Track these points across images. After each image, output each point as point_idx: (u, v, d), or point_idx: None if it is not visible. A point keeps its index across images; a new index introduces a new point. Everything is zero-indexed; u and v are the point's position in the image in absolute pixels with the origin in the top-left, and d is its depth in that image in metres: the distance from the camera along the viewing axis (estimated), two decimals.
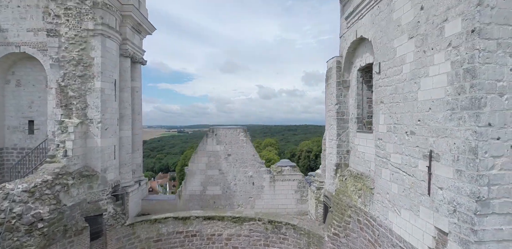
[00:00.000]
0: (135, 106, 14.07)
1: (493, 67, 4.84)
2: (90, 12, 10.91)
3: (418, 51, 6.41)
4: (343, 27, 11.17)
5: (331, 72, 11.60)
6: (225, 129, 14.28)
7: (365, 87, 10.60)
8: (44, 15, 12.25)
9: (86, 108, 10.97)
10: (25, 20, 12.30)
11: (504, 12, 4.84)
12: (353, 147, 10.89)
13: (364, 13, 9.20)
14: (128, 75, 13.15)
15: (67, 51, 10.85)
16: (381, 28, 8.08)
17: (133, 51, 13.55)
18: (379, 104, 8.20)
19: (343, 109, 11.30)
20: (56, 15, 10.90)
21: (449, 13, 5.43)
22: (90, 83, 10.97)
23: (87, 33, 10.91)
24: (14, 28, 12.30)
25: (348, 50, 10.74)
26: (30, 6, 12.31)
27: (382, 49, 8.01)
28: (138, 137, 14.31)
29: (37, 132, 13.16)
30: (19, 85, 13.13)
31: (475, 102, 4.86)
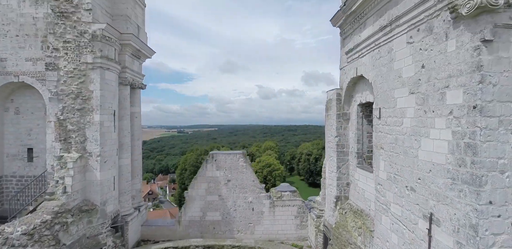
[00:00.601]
0: (134, 131, 14.03)
1: (494, 144, 4.80)
2: (89, 45, 10.85)
3: (419, 109, 6.37)
4: (343, 60, 11.12)
5: (331, 104, 11.55)
6: (224, 155, 14.26)
7: (365, 122, 10.56)
8: (42, 45, 12.20)
9: (85, 141, 10.93)
10: (23, 49, 12.25)
11: (506, 89, 4.80)
12: (353, 180, 10.87)
13: (364, 53, 9.15)
14: (128, 102, 13.10)
15: (66, 85, 10.80)
16: (381, 73, 8.04)
17: (133, 78, 13.50)
18: (379, 149, 8.17)
19: (343, 142, 11.27)
20: (55, 48, 10.84)
21: (451, 81, 5.39)
22: (89, 116, 10.92)
23: (86, 66, 10.86)
24: (12, 57, 12.24)
25: (348, 84, 10.69)
26: (29, 35, 12.25)
27: (382, 95, 7.97)
28: (137, 162, 14.28)
29: (36, 160, 13.12)
30: (17, 112, 13.08)
31: (476, 180, 4.82)
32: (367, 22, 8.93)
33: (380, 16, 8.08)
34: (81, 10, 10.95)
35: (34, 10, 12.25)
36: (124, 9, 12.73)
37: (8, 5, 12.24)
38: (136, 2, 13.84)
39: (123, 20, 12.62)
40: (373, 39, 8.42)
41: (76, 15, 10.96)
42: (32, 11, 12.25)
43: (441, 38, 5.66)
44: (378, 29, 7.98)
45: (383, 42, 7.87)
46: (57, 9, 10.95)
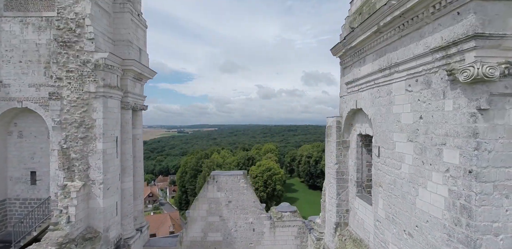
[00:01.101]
0: (136, 153, 14.17)
1: (489, 209, 4.94)
2: (91, 74, 10.98)
3: (417, 158, 6.51)
4: (343, 88, 11.24)
5: (331, 131, 11.69)
6: (226, 176, 14.41)
7: (365, 151, 10.70)
8: (45, 71, 12.32)
9: (88, 169, 11.08)
10: (27, 75, 12.38)
11: (501, 155, 4.94)
12: (353, 208, 11.02)
13: (364, 89, 9.28)
14: (130, 126, 13.23)
15: (69, 114, 10.93)
16: (380, 113, 8.17)
17: (134, 102, 13.63)
18: (378, 187, 8.31)
19: (342, 169, 11.41)
20: (58, 78, 10.97)
21: (448, 139, 5.53)
22: (92, 145, 11.06)
23: (89, 95, 10.99)
24: (16, 83, 12.37)
25: (348, 114, 10.83)
26: (32, 61, 12.38)
27: (381, 135, 8.11)
28: (139, 184, 14.43)
29: (39, 183, 13.28)
30: (21, 136, 13.22)
31: (471, 242, 4.97)
32: (367, 58, 9.07)
33: (379, 56, 8.21)
34: (84, 39, 11.07)
35: (37, 36, 12.37)
36: (126, 34, 12.85)
37: (11, 31, 12.36)
38: (138, 25, 13.95)
39: (125, 45, 12.73)
40: (372, 77, 8.55)
41: (79, 45, 11.08)
42: (35, 38, 12.37)
43: (439, 94, 5.80)
44: (378, 70, 8.11)
45: (383, 83, 8.01)
46: (60, 38, 11.08)
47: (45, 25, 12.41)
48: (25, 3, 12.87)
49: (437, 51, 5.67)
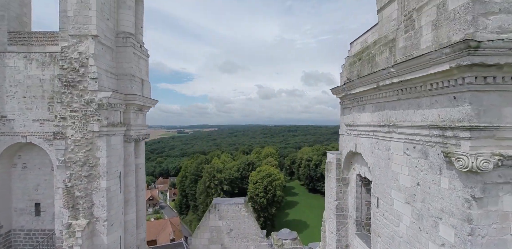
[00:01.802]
0: (138, 182, 14.37)
1: None
2: (95, 114, 11.16)
3: (414, 222, 6.70)
4: (343, 127, 11.42)
5: (331, 167, 11.88)
6: (227, 205, 14.60)
7: (364, 190, 10.89)
8: (49, 106, 12.48)
9: (92, 206, 11.27)
10: (31, 110, 12.53)
11: (494, 240, 5.12)
12: (352, 245, 11.22)
13: (363, 136, 9.45)
14: (132, 158, 13.42)
15: (73, 153, 11.12)
16: (379, 165, 8.35)
17: (137, 134, 13.81)
18: (377, 237, 8.51)
19: (342, 205, 11.61)
20: (63, 118, 11.15)
21: (443, 215, 5.71)
22: (96, 182, 11.26)
23: (93, 134, 11.17)
24: (20, 118, 12.53)
25: (348, 153, 11.01)
26: (36, 97, 12.53)
27: (380, 187, 8.29)
28: (142, 212, 14.63)
29: (43, 214, 13.46)
30: (25, 168, 13.40)
31: None
32: (366, 107, 9.24)
33: (379, 109, 8.38)
34: (88, 79, 11.25)
35: (41, 72, 12.52)
36: (128, 68, 13.01)
37: (15, 67, 12.51)
38: (140, 56, 14.11)
39: (128, 79, 12.90)
40: (372, 128, 8.72)
41: (83, 84, 11.26)
42: (39, 73, 12.52)
43: (435, 169, 5.98)
44: (377, 124, 8.29)
45: (382, 137, 8.18)
46: (64, 78, 11.26)
47: (49, 60, 12.55)
48: (29, 38, 13.01)
49: (434, 128, 5.85)
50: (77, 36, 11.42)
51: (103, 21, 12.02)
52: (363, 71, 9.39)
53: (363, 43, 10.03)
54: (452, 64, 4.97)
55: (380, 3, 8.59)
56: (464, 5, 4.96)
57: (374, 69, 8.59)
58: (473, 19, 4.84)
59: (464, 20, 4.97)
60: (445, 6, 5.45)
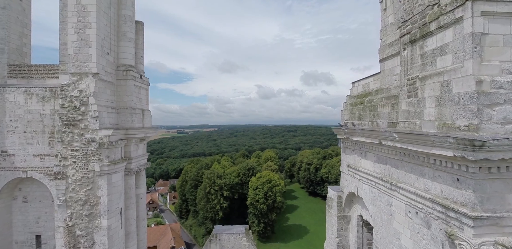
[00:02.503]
0: (139, 212, 14.36)
1: None
2: (96, 153, 11.13)
3: None
4: (345, 166, 11.39)
5: (332, 203, 11.87)
6: (228, 235, 14.60)
7: (365, 230, 10.88)
8: (50, 141, 12.43)
9: (93, 245, 11.27)
10: (31, 145, 12.49)
11: None
12: None
13: (365, 182, 9.43)
14: (133, 191, 13.41)
15: (74, 192, 11.10)
16: (381, 218, 8.33)
17: (138, 166, 13.78)
18: None
19: (343, 243, 11.61)
20: (63, 157, 11.12)
21: None
22: (97, 221, 11.24)
23: (94, 173, 11.15)
24: (21, 153, 12.49)
25: (350, 193, 10.99)
26: (36, 131, 12.49)
27: (382, 241, 8.27)
28: (142, 242, 14.63)
29: (44, 247, 13.44)
30: (25, 201, 13.37)
31: None
32: (369, 155, 9.21)
33: (381, 162, 8.35)
34: (88, 117, 11.21)
35: (41, 107, 12.47)
36: (129, 101, 12.97)
37: (16, 102, 12.45)
38: (141, 87, 14.07)
39: (129, 113, 12.86)
40: (374, 179, 8.69)
41: (84, 123, 11.23)
42: (39, 108, 12.48)
43: (438, 242, 5.95)
44: (379, 177, 8.26)
45: (384, 191, 8.15)
46: (64, 117, 11.22)
47: (49, 95, 12.50)
48: (29, 71, 12.96)
49: (437, 204, 5.82)
50: (77, 74, 11.38)
51: (104, 56, 11.97)
52: (365, 117, 9.36)
53: (365, 86, 9.99)
54: (457, 154, 4.94)
55: (382, 54, 8.56)
56: (469, 94, 4.92)
57: (376, 119, 8.57)
58: (478, 110, 4.81)
59: (468, 109, 4.94)
60: (449, 87, 5.42)
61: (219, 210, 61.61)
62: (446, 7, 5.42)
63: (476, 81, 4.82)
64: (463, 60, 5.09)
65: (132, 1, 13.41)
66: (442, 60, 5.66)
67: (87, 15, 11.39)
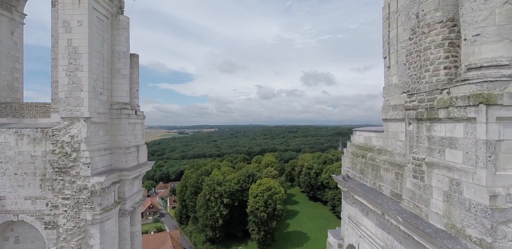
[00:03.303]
0: None
1: None
2: (88, 201, 10.75)
3: None
4: (345, 215, 10.98)
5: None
6: None
7: None
8: (41, 183, 12.05)
9: None
10: (22, 187, 12.10)
11: None
12: None
13: (366, 240, 9.03)
14: (128, 231, 13.03)
15: (65, 241, 10.74)
16: None
17: (132, 205, 13.41)
18: None
19: None
20: (54, 206, 10.75)
21: None
22: None
23: (85, 222, 10.77)
24: (11, 195, 12.11)
25: (350, 245, 10.60)
26: (27, 174, 12.10)
27: None
28: None
29: None
30: (17, 242, 13.01)
31: None
32: (370, 216, 8.80)
33: (383, 229, 7.95)
34: (80, 164, 10.83)
35: (32, 148, 12.07)
36: (123, 141, 12.59)
37: (6, 143, 12.06)
38: (135, 123, 13.67)
39: (122, 153, 12.48)
40: (376, 243, 8.30)
41: (75, 170, 10.84)
42: (30, 150, 12.08)
43: None
44: (382, 246, 7.86)
45: None
46: (55, 164, 10.84)
47: (40, 136, 12.10)
48: (20, 109, 12.59)
49: None
50: (68, 119, 10.99)
51: (96, 98, 11.57)
52: (367, 173, 8.97)
53: (367, 139, 9.57)
54: None
55: (385, 114, 8.16)
56: (482, 206, 4.51)
57: (378, 181, 8.17)
58: (491, 228, 4.40)
59: (481, 222, 4.53)
60: (459, 187, 5.00)
61: (219, 218, 61.31)
62: (457, 100, 4.99)
63: (490, 196, 4.41)
64: (476, 166, 4.68)
65: (126, 37, 12.98)
66: (452, 154, 5.24)
67: (78, 57, 10.98)
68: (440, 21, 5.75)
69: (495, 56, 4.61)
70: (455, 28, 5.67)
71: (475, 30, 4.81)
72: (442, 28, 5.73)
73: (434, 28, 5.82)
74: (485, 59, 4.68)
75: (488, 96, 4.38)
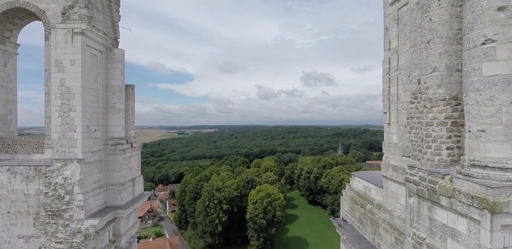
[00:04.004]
0: None
1: None
2: (82, 245, 10.54)
3: None
4: None
5: None
6: None
7: None
8: (35, 222, 11.84)
9: None
10: (15, 226, 11.88)
11: None
12: None
13: None
14: None
15: None
16: None
17: (128, 239, 13.20)
18: None
19: None
20: None
21: None
22: None
23: None
24: (4, 234, 11.89)
25: None
26: (21, 212, 11.88)
27: None
28: None
29: None
30: None
31: None
32: None
33: None
34: (73, 207, 10.60)
35: (26, 186, 11.84)
36: (118, 177, 12.37)
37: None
38: (131, 155, 13.44)
39: (117, 190, 12.28)
40: None
41: (68, 213, 10.63)
42: (23, 188, 11.85)
43: None
44: None
45: None
46: (48, 207, 10.63)
47: (33, 174, 11.86)
48: (13, 145, 12.35)
49: None
50: (62, 160, 10.76)
51: (90, 137, 11.34)
52: (365, 225, 8.76)
53: (366, 189, 9.35)
54: None
55: (385, 172, 7.94)
56: None
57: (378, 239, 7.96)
58: None
59: None
60: None
61: (218, 224, 61.21)
62: (460, 194, 4.76)
63: None
64: None
65: (121, 70, 12.74)
66: (454, 247, 5.02)
67: (71, 97, 10.74)
68: (443, 99, 5.52)
69: (501, 157, 4.38)
70: (459, 107, 5.44)
71: (480, 125, 4.58)
72: (445, 106, 5.50)
73: (437, 105, 5.59)
74: (491, 159, 4.46)
75: (494, 204, 4.16)
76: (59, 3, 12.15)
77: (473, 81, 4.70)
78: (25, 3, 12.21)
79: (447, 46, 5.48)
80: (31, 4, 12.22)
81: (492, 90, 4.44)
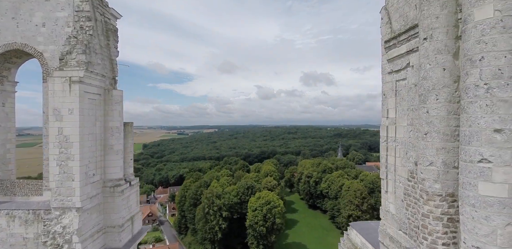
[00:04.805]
0: None
1: None
2: None
3: None
4: None
5: None
6: None
7: None
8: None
9: None
10: None
11: None
12: None
13: None
14: None
15: None
16: None
17: None
18: None
19: None
20: None
21: None
22: None
23: None
24: None
25: None
26: None
27: None
28: None
29: None
30: None
31: None
32: None
33: None
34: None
35: (24, 230, 11.86)
36: (116, 219, 12.37)
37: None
38: (129, 195, 13.44)
39: (116, 232, 12.28)
40: None
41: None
42: (22, 231, 11.87)
43: None
44: None
45: None
46: None
47: (32, 218, 11.89)
48: (12, 187, 12.36)
49: None
50: (60, 209, 10.77)
51: (88, 183, 11.33)
52: None
53: (363, 245, 9.36)
54: None
55: (382, 239, 7.93)
56: None
57: None
58: None
59: None
60: None
61: (218, 231, 61.33)
62: None
63: None
64: None
65: (119, 111, 12.72)
66: None
67: (69, 146, 10.73)
68: (440, 195, 5.52)
69: None
70: (455, 204, 5.44)
71: (475, 242, 4.58)
72: (441, 202, 5.51)
73: (433, 199, 5.59)
74: None
75: None
76: (57, 44, 12.13)
77: (469, 195, 4.70)
78: (23, 45, 12.18)
79: (444, 142, 5.47)
80: (29, 46, 12.19)
81: (487, 210, 4.44)
